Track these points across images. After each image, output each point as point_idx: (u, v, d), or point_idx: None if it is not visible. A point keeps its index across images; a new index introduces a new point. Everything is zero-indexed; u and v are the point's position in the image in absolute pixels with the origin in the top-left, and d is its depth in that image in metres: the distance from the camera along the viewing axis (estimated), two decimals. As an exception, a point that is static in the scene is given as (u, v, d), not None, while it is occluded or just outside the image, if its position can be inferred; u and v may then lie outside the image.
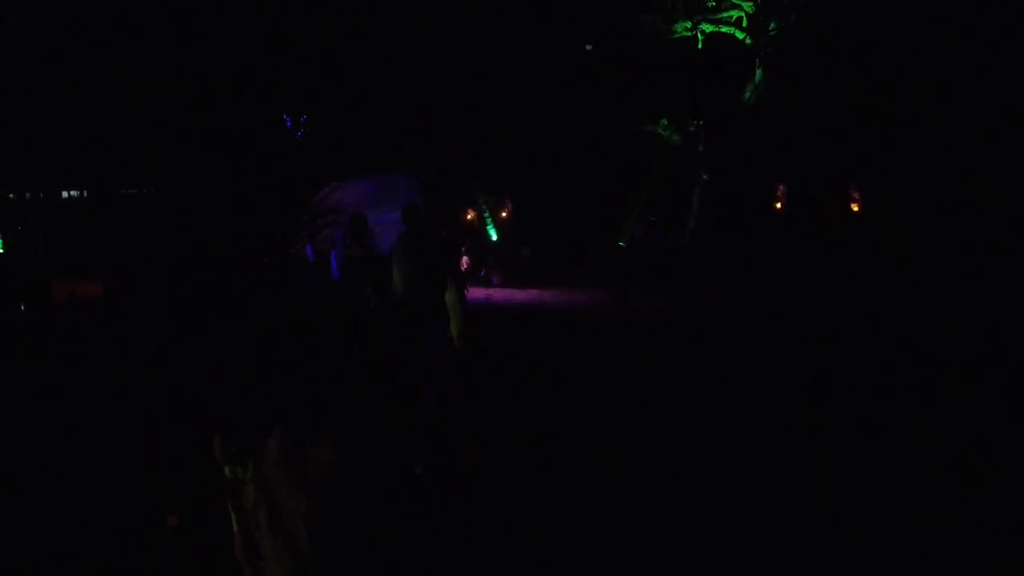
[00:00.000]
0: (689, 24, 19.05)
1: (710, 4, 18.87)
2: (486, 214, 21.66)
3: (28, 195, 23.27)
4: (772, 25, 18.64)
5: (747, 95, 19.16)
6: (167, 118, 13.07)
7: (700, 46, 19.21)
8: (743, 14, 18.79)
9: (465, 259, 12.89)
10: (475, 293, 14.11)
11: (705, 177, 19.12)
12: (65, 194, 34.30)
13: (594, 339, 9.44)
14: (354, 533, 2.88)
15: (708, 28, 19.09)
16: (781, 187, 15.82)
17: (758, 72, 18.97)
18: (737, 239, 16.72)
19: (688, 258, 17.62)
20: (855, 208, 14.44)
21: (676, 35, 19.13)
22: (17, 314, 8.22)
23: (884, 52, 16.85)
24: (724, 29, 19.05)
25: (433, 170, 21.33)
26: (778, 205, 15.68)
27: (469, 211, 22.79)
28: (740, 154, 18.28)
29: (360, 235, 7.61)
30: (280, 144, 11.54)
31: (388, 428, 4.77)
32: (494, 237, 20.20)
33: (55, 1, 18.64)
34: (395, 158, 20.50)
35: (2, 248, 19.30)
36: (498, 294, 11.98)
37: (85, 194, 34.82)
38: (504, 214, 20.64)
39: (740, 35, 18.94)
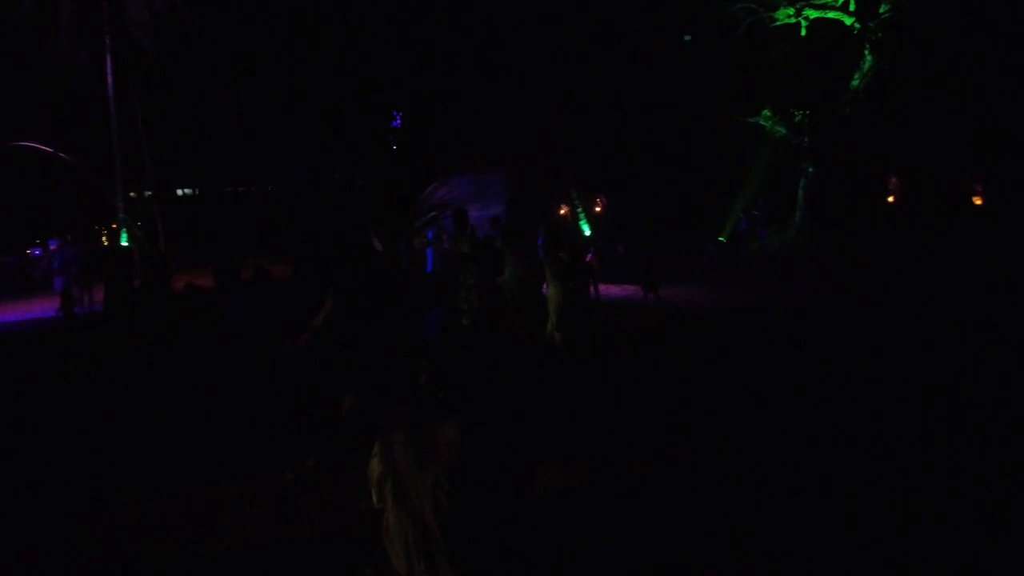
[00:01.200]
0: (792, 11, 18.33)
1: (814, -12, 18.13)
2: (579, 210, 21.62)
3: (148, 193, 24.98)
4: (883, 8, 17.68)
5: (855, 83, 18.28)
6: (283, 120, 13.77)
7: (804, 33, 18.46)
8: (851, -3, 17.94)
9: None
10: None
11: (811, 170, 18.38)
12: (180, 192, 36.66)
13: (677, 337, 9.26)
14: (479, 513, 2.97)
15: (812, 14, 18.32)
16: (893, 179, 14.96)
17: (867, 58, 18.06)
18: (846, 235, 15.99)
19: (794, 254, 16.99)
20: (977, 201, 13.46)
21: (778, 23, 18.46)
22: (142, 303, 8.85)
23: (1005, 31, 15.67)
24: (830, 15, 18.23)
25: (529, 168, 21.51)
26: (890, 199, 14.83)
27: (563, 207, 22.83)
28: (848, 145, 17.47)
29: (464, 228, 7.77)
30: (389, 142, 11.95)
31: (511, 414, 4.88)
32: (587, 232, 20.14)
33: (179, 23, 19.98)
34: (489, 157, 20.82)
35: (126, 241, 20.84)
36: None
37: (197, 191, 37.14)
38: (598, 209, 20.54)
39: (848, 20, 18.07)
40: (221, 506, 4.67)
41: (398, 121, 12.35)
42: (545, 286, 8.32)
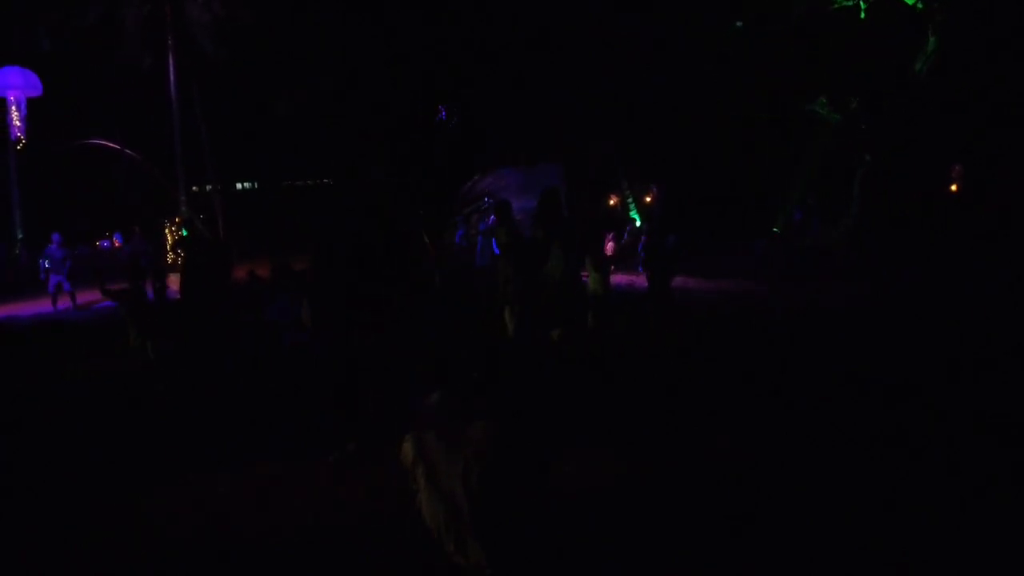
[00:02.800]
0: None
1: (875, -32, 17.52)
2: (630, 200, 21.49)
3: (209, 187, 25.87)
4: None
5: (918, 66, 17.61)
6: (332, 112, 14.09)
7: (863, 15, 17.89)
8: (913, -23, 17.28)
9: (610, 244, 12.86)
10: (617, 279, 14.11)
11: (868, 159, 17.83)
12: (239, 186, 37.80)
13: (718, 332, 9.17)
14: (506, 498, 3.08)
15: (873, -5, 17.74)
16: (957, 168, 14.40)
17: (931, 40, 17.37)
18: (905, 227, 15.46)
19: (850, 247, 16.52)
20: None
21: (837, 5, 17.91)
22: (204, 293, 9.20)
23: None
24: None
25: (582, 158, 21.49)
26: (954, 188, 14.28)
27: (613, 197, 22.72)
28: (908, 133, 16.87)
29: (505, 220, 7.84)
30: (434, 134, 12.12)
31: (543, 408, 4.98)
32: (638, 223, 20.00)
33: (237, 24, 20.62)
34: (545, 149, 20.88)
35: (186, 233, 21.63)
36: (640, 280, 11.86)
37: (256, 185, 38.23)
38: (648, 199, 20.38)
39: (910, 0, 17.42)
40: (270, 487, 4.88)
41: (444, 114, 12.48)
42: (585, 276, 8.39)
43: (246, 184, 37.67)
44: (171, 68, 21.24)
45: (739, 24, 18.93)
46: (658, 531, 3.92)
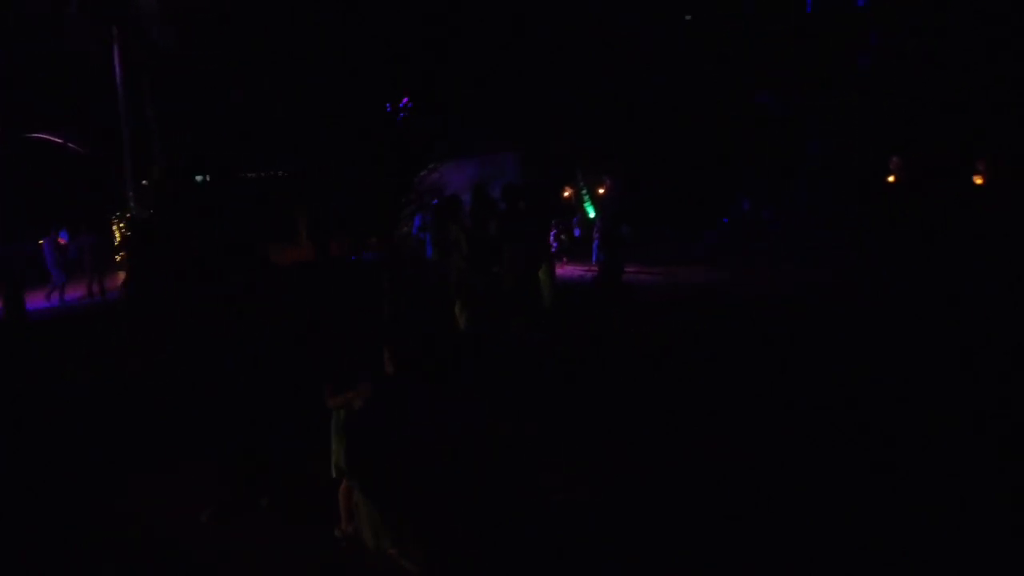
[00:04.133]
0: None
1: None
2: (584, 191, 21.71)
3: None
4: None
5: (860, 61, 18.15)
6: (288, 105, 13.97)
7: (809, 10, 18.36)
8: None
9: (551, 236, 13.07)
10: (570, 270, 14.29)
11: (814, 149, 18.32)
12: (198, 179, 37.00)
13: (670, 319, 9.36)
14: (437, 490, 3.15)
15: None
16: (896, 159, 14.87)
17: (872, 35, 17.92)
18: (848, 215, 15.97)
19: (798, 236, 17.01)
20: (979, 181, 13.38)
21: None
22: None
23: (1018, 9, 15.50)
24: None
25: (538, 148, 21.56)
26: (891, 179, 14.76)
27: (567, 188, 22.91)
28: (852, 125, 17.39)
29: (456, 215, 7.92)
30: (385, 126, 12.09)
31: (469, 388, 5.00)
32: (591, 214, 20.23)
33: (188, 13, 20.17)
34: (501, 138, 20.88)
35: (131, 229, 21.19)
36: (593, 271, 12.05)
37: (208, 178, 37.49)
38: (602, 191, 20.60)
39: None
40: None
41: (406, 102, 12.47)
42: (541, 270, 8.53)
43: (200, 177, 36.89)
44: (116, 59, 20.70)
45: (688, 17, 19.25)
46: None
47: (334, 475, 3.61)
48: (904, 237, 13.45)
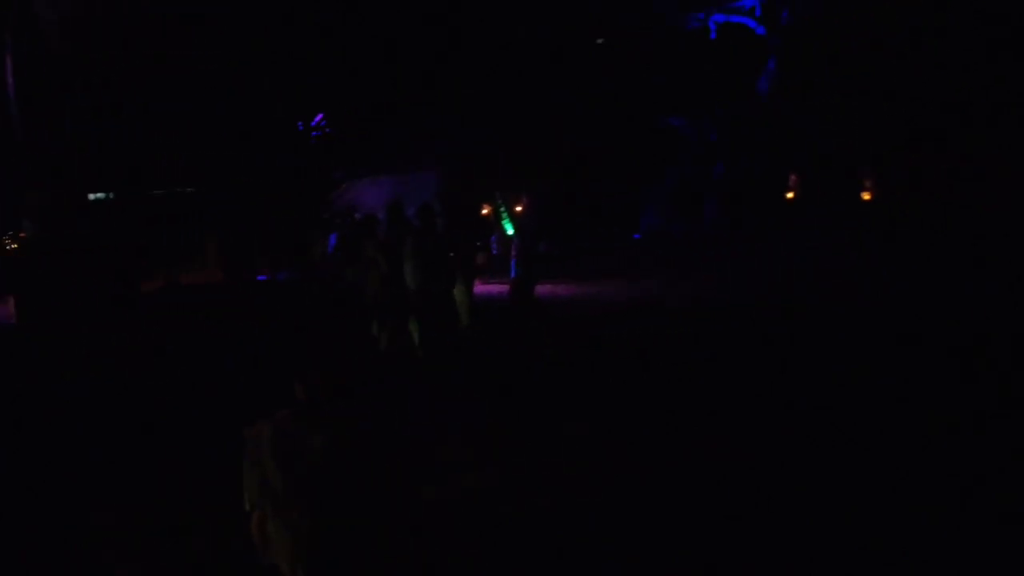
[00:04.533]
0: (702, 15, 19.14)
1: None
2: (502, 209, 21.96)
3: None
4: (784, 13, 18.65)
5: (761, 85, 19.19)
6: (193, 122, 13.60)
7: (713, 36, 19.29)
8: (756, 3, 18.83)
9: (479, 255, 13.16)
10: (489, 288, 14.42)
11: (719, 167, 19.21)
12: (92, 196, 35.23)
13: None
14: (350, 519, 3.11)
15: (720, 18, 19.17)
16: (794, 177, 15.89)
17: (771, 62, 18.99)
18: (753, 228, 16.81)
19: (707, 248, 17.72)
20: (867, 197, 14.47)
21: (687, 26, 19.23)
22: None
23: (895, 37, 16.74)
24: (737, 19, 19.11)
25: (454, 166, 21.68)
26: (790, 195, 15.76)
27: (486, 206, 23.10)
28: (754, 144, 18.34)
29: (373, 234, 7.94)
30: (298, 145, 11.96)
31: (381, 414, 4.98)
32: (510, 231, 20.49)
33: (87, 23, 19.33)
34: (418, 155, 20.88)
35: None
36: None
37: (111, 196, 35.77)
38: (519, 208, 20.90)
39: (754, 25, 18.98)
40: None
41: (301, 126, 12.39)
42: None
43: (100, 195, 35.19)
44: (9, 70, 19.63)
45: (600, 41, 19.88)
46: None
47: (247, 508, 3.56)
48: (808, 247, 14.36)
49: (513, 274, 11.95)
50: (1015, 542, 3.55)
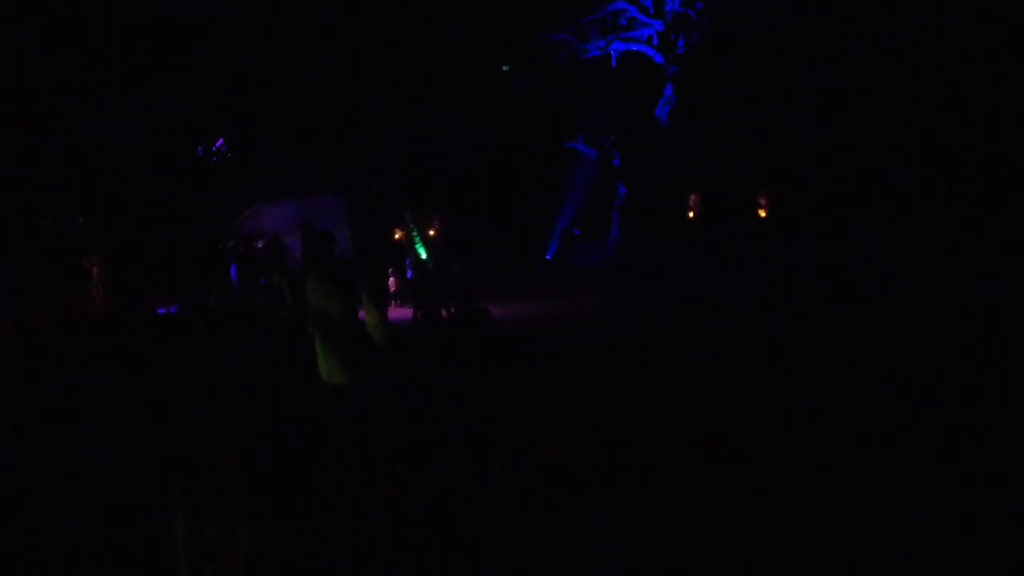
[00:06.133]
0: (603, 43, 19.84)
1: (622, 24, 19.72)
2: (414, 233, 21.89)
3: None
4: (680, 43, 19.57)
5: (659, 111, 20.01)
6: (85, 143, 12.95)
7: (614, 64, 20.02)
8: (653, 33, 19.69)
9: (392, 280, 13.09)
10: (404, 313, 14.30)
11: (622, 190, 19.84)
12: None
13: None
14: (249, 530, 3.05)
15: (621, 47, 19.93)
16: (694, 196, 16.61)
17: (668, 88, 19.85)
18: (656, 248, 17.41)
19: (613, 268, 18.23)
20: (762, 214, 15.29)
21: (589, 54, 19.88)
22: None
23: (784, 63, 17.79)
24: (636, 48, 19.92)
25: (360, 191, 21.47)
26: (691, 214, 16.46)
27: (397, 231, 22.97)
28: (654, 167, 19.07)
29: (279, 260, 7.75)
30: (196, 170, 11.57)
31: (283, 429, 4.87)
32: (423, 255, 20.43)
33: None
34: (322, 181, 20.56)
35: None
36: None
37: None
38: (432, 232, 20.91)
39: (652, 54, 19.82)
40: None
41: (201, 151, 12.03)
42: (363, 313, 8.48)
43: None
44: None
45: (506, 68, 20.27)
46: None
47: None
48: (714, 263, 15.02)
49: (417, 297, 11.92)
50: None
